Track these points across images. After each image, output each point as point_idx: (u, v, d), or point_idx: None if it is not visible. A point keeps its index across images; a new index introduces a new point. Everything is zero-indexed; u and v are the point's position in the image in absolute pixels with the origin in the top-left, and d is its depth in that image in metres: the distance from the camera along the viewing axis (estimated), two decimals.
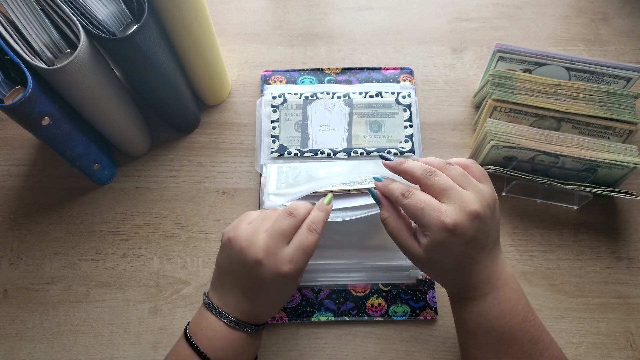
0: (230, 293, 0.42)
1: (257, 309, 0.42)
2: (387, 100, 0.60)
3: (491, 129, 0.52)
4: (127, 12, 0.47)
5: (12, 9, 0.43)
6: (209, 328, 0.41)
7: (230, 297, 0.41)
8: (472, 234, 0.38)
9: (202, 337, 0.41)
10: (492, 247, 0.40)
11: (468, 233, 0.37)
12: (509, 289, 0.39)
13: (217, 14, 0.69)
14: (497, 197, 0.41)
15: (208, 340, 0.40)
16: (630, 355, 0.50)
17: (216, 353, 0.40)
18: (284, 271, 0.40)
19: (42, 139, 0.49)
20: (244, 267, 0.40)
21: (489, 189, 0.40)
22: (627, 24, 0.68)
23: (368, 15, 0.70)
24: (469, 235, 0.38)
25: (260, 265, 0.40)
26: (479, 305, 0.39)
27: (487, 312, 0.39)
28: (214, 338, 0.40)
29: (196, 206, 0.57)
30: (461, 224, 0.37)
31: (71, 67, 0.43)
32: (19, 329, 0.52)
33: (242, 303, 0.41)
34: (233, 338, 0.41)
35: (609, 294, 0.52)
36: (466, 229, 0.37)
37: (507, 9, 0.70)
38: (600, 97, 0.54)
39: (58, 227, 0.56)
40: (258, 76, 0.65)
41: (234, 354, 0.41)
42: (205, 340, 0.40)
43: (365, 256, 0.52)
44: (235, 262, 0.41)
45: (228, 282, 0.42)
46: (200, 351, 0.40)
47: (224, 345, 0.40)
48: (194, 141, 0.61)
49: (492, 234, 0.40)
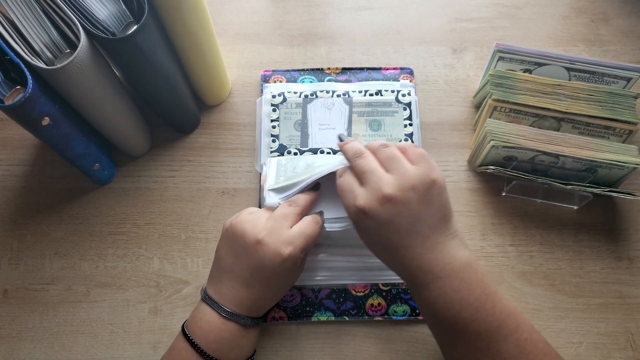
0: (227, 281, 0.41)
1: (253, 296, 0.41)
2: (387, 99, 0.60)
3: (491, 129, 0.52)
4: (127, 12, 0.47)
5: (12, 9, 0.43)
6: (203, 320, 0.41)
7: (226, 286, 0.41)
8: (386, 217, 0.37)
9: (197, 328, 0.41)
10: (428, 233, 0.38)
11: (381, 217, 0.37)
12: (457, 279, 0.37)
13: (217, 14, 0.69)
14: (444, 180, 0.39)
15: (202, 332, 0.40)
16: (630, 355, 0.50)
17: (210, 345, 0.40)
18: (284, 253, 0.40)
19: (42, 139, 0.49)
20: (244, 249, 0.41)
21: (420, 170, 0.38)
22: (627, 24, 0.68)
23: (368, 15, 0.70)
24: (383, 219, 0.37)
25: (260, 245, 0.40)
26: (424, 294, 0.38)
27: (434, 302, 0.37)
28: (208, 330, 0.40)
29: (196, 206, 0.57)
30: (371, 208, 0.37)
31: (71, 67, 0.43)
32: (19, 329, 0.52)
33: (238, 291, 0.41)
34: (227, 330, 0.41)
35: (609, 294, 0.52)
36: (377, 213, 0.37)
37: (507, 9, 0.70)
38: (601, 97, 0.54)
39: (58, 227, 0.56)
40: (258, 76, 0.65)
41: (228, 346, 0.41)
42: (200, 332, 0.40)
43: (365, 255, 0.52)
44: (235, 245, 0.41)
45: (226, 269, 0.42)
46: (194, 343, 0.40)
47: (217, 337, 0.40)
48: (194, 141, 0.61)
49: (427, 219, 0.38)
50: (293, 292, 0.52)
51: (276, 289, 0.43)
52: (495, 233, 0.55)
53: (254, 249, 0.40)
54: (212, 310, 0.41)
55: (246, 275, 0.41)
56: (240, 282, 0.41)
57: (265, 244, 0.40)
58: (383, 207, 0.37)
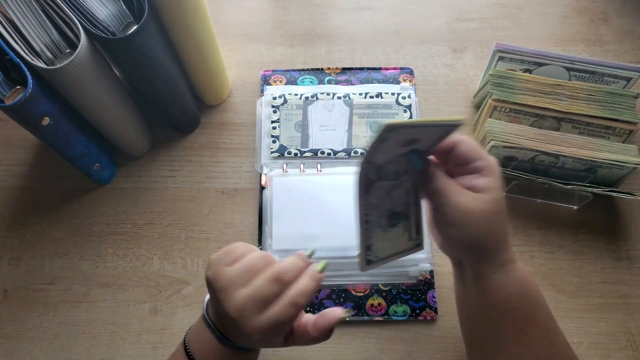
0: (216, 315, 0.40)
1: (238, 343, 0.40)
2: (387, 101, 0.60)
3: (491, 129, 0.52)
4: (127, 12, 0.47)
5: (12, 9, 0.43)
6: (203, 341, 0.40)
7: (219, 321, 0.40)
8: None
9: (197, 349, 0.40)
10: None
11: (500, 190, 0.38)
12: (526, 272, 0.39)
13: (217, 14, 0.69)
14: None
15: (202, 352, 0.40)
16: (630, 355, 0.50)
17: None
18: (254, 338, 0.36)
19: (42, 139, 0.49)
20: (220, 312, 0.38)
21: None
22: (627, 24, 0.68)
23: (368, 15, 0.70)
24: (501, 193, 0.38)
25: (233, 322, 0.36)
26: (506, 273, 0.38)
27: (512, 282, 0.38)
28: (208, 351, 0.40)
29: (196, 206, 0.57)
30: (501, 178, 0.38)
31: (71, 67, 0.43)
32: (19, 329, 0.52)
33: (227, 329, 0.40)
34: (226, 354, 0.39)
35: (609, 294, 0.52)
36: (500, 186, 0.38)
37: (507, 9, 0.70)
38: (601, 97, 0.54)
39: (58, 227, 0.56)
40: (258, 76, 0.65)
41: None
42: (199, 352, 0.40)
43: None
44: (214, 301, 0.38)
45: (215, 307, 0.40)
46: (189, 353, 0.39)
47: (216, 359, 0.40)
48: (194, 141, 0.61)
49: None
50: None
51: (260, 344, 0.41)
52: None
53: (228, 319, 0.37)
54: (210, 332, 0.39)
55: (228, 329, 0.39)
56: (226, 329, 0.39)
57: (236, 324, 0.36)
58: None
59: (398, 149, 0.37)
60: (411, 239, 0.43)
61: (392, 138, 0.34)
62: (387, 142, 0.34)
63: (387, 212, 0.40)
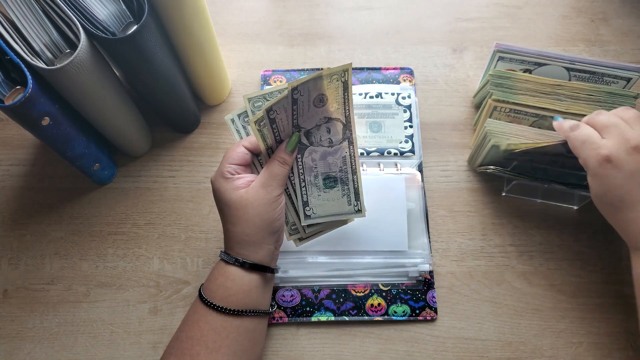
0: (227, 233, 0.43)
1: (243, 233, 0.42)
2: (387, 101, 0.60)
3: (491, 129, 0.52)
4: (127, 12, 0.47)
5: (12, 9, 0.43)
6: (223, 287, 0.42)
7: (231, 241, 0.43)
8: (633, 167, 0.36)
9: (219, 297, 0.42)
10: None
11: (627, 166, 0.36)
12: None
13: (217, 14, 0.69)
14: None
15: (226, 296, 0.41)
16: (630, 355, 0.50)
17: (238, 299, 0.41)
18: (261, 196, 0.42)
19: (42, 139, 0.49)
20: (216, 197, 0.44)
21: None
22: (627, 24, 0.68)
23: (368, 15, 0.70)
24: (630, 169, 0.36)
25: (247, 204, 0.42)
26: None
27: None
28: (232, 290, 0.42)
29: (196, 206, 0.57)
30: (617, 156, 0.36)
31: (71, 67, 0.43)
32: (19, 329, 0.52)
33: (234, 235, 0.42)
34: (252, 282, 0.42)
35: (609, 294, 0.52)
36: (624, 162, 0.36)
37: (507, 9, 0.70)
38: (600, 97, 0.54)
39: (58, 227, 0.56)
40: (258, 76, 0.65)
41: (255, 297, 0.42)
42: (222, 299, 0.41)
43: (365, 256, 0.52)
44: (215, 199, 0.44)
45: (224, 223, 0.43)
46: (207, 301, 0.41)
47: (243, 289, 0.42)
48: (194, 141, 0.61)
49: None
50: (293, 293, 0.52)
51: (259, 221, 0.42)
52: (496, 233, 0.55)
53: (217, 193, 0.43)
54: (235, 267, 0.42)
55: (225, 220, 0.43)
56: (230, 224, 0.43)
57: (213, 185, 0.43)
58: (631, 156, 0.36)
59: (315, 110, 0.43)
60: (350, 203, 0.48)
61: (300, 99, 0.41)
62: (299, 102, 0.41)
63: (322, 174, 0.46)
